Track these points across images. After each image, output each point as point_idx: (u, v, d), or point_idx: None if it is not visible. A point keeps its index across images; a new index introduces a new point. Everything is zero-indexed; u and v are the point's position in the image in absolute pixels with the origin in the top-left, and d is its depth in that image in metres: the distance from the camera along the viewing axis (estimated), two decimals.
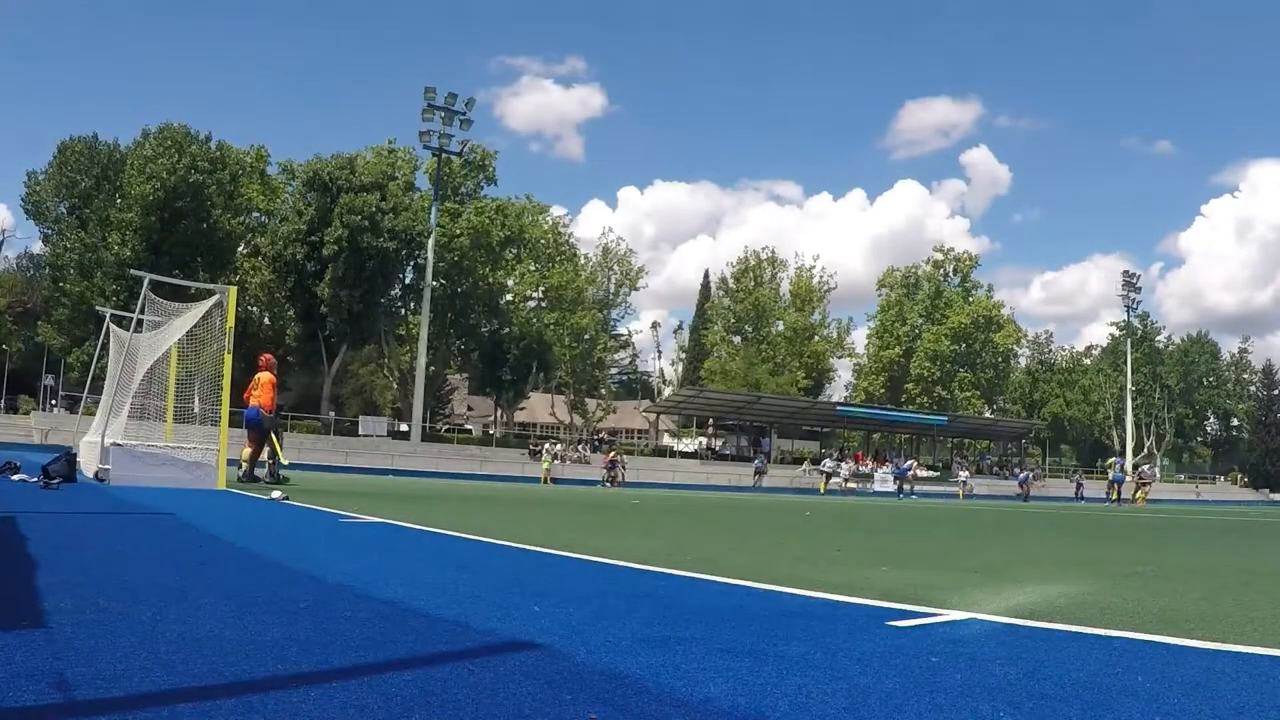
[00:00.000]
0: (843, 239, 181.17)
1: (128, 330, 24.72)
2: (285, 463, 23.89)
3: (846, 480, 68.53)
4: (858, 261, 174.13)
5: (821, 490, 39.30)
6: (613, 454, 50.88)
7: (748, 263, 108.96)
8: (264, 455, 21.29)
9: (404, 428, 77.12)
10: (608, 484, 40.86)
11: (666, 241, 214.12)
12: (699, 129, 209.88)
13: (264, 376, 21.36)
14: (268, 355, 23.09)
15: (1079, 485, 75.00)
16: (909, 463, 71.83)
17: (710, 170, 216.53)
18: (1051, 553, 10.79)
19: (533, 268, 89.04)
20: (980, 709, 2.93)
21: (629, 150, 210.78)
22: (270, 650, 3.37)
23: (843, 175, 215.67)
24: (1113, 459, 66.34)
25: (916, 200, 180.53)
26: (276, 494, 14.62)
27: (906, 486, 63.75)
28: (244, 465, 20.58)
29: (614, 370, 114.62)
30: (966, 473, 78.40)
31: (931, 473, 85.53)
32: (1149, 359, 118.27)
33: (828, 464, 70.54)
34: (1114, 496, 55.53)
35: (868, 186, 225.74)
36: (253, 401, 21.15)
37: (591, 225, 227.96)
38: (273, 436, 21.63)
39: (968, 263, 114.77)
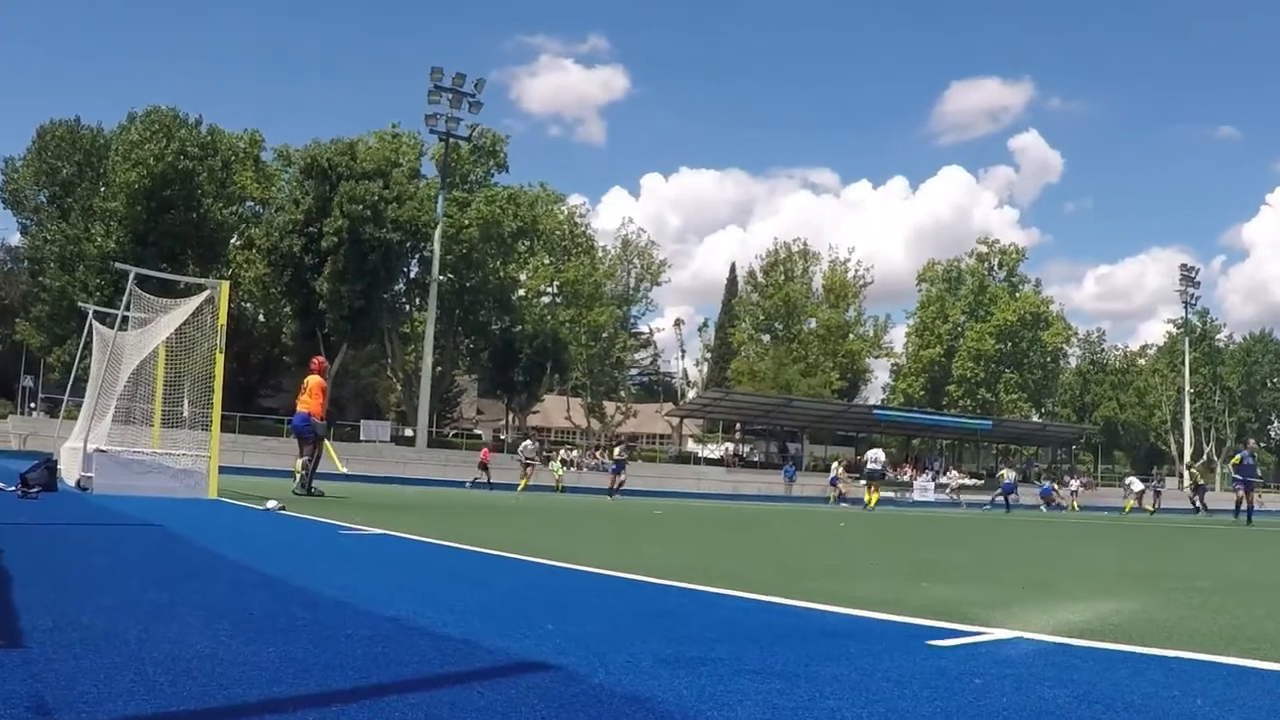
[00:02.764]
0: (882, 230, 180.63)
1: (112, 328, 24.72)
2: (343, 470, 24.01)
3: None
4: (898, 254, 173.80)
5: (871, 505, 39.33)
6: (618, 450, 50.55)
7: (778, 255, 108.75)
8: (298, 464, 21.36)
9: (409, 433, 77.29)
10: (614, 493, 40.97)
11: (692, 233, 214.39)
12: (728, 112, 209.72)
13: (313, 381, 21.41)
14: (320, 359, 23.15)
15: (1198, 489, 64.45)
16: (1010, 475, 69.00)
17: (740, 156, 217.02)
18: (1103, 566, 10.78)
19: (547, 261, 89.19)
20: None
21: (653, 135, 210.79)
22: (265, 671, 3.38)
23: (883, 162, 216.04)
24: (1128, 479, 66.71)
25: (962, 188, 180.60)
26: (272, 504, 14.61)
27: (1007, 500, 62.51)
28: (298, 475, 20.67)
29: (634, 371, 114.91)
30: (1078, 481, 77.63)
31: (975, 480, 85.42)
32: (1209, 359, 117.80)
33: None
34: (1150, 508, 56.09)
35: (910, 174, 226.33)
36: (301, 408, 21.28)
37: (612, 215, 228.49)
38: (328, 447, 21.74)
39: (1014, 256, 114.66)
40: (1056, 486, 67.26)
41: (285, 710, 2.92)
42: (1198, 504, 53.88)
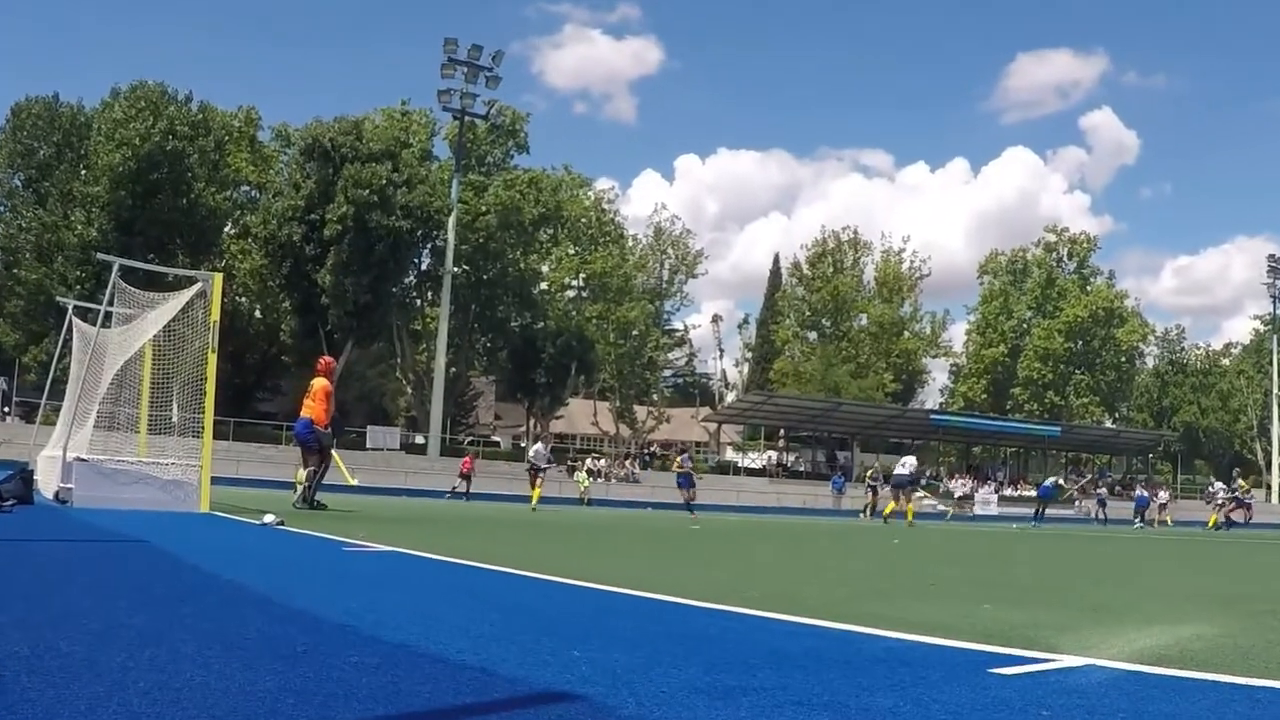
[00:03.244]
0: (940, 217, 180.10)
1: (94, 325, 24.83)
2: (352, 482, 24.11)
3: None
4: (957, 243, 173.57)
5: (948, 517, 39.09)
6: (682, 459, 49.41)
7: (826, 245, 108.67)
8: (299, 475, 21.43)
9: (419, 440, 77.39)
10: (693, 508, 39.33)
11: (732, 220, 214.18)
12: (772, 88, 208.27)
13: (318, 384, 21.48)
14: (327, 359, 23.24)
15: None
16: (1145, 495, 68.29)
17: (784, 136, 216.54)
18: (1181, 586, 10.75)
19: (572, 251, 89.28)
20: None
21: (689, 113, 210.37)
22: (261, 702, 3.38)
23: (942, 142, 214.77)
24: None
25: (1028, 171, 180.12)
26: (269, 518, 14.65)
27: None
28: (299, 487, 20.73)
29: (668, 372, 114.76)
30: (1166, 493, 76.89)
31: (1019, 492, 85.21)
32: None
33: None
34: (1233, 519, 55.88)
35: (971, 155, 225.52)
36: (304, 413, 21.33)
37: (643, 201, 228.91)
38: (335, 458, 21.80)
39: (1085, 245, 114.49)
40: (1153, 497, 66.81)
41: None
42: None
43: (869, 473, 60.01)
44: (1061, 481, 66.86)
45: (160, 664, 3.91)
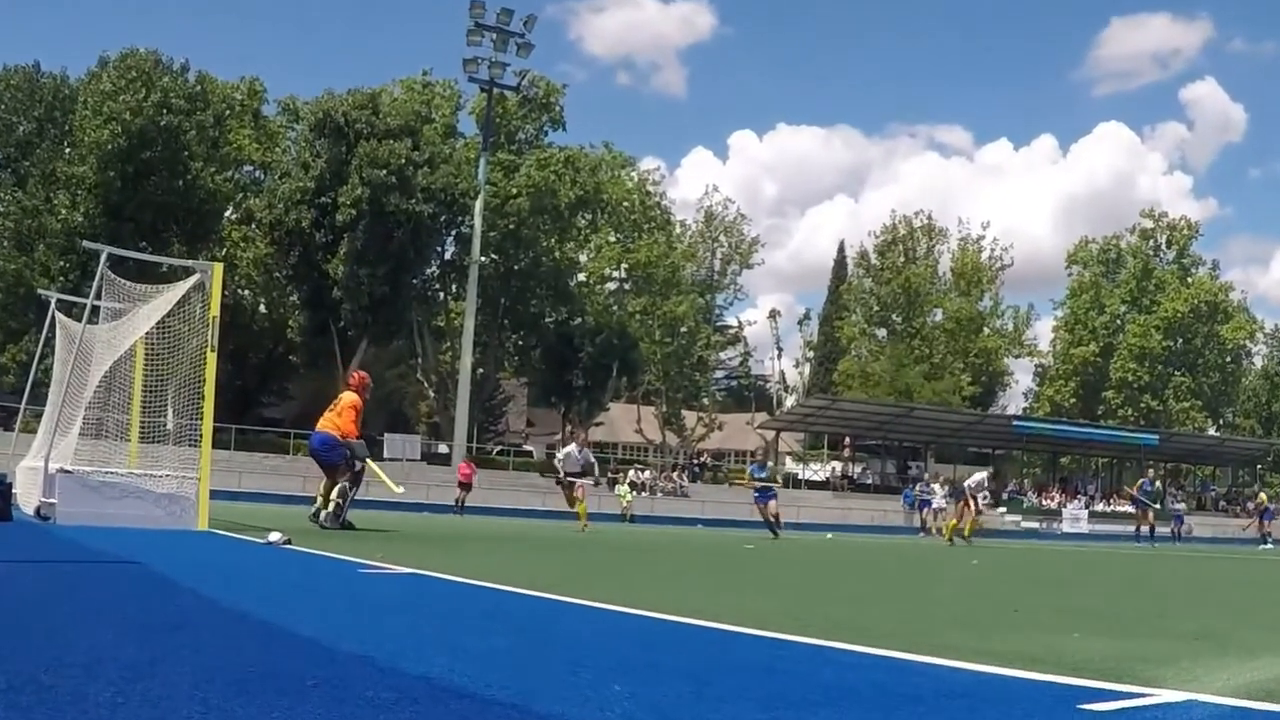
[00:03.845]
0: (1024, 201, 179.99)
1: (80, 321, 24.95)
2: (399, 491, 24.27)
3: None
4: (1043, 230, 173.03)
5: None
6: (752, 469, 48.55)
7: (896, 232, 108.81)
8: (322, 488, 21.57)
9: (443, 449, 77.65)
10: (775, 527, 38.42)
11: (792, 204, 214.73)
12: (837, 57, 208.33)
13: (347, 397, 21.61)
14: (361, 374, 23.37)
15: None
16: None
17: (851, 111, 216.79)
18: None
19: (613, 238, 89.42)
20: None
21: (745, 85, 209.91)
22: None
23: (1027, 117, 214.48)
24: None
25: (1123, 149, 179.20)
26: (275, 536, 14.69)
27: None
28: (320, 500, 20.86)
29: (719, 373, 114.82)
30: None
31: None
32: None
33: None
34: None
35: (1059, 131, 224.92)
36: (322, 425, 21.46)
37: (693, 182, 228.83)
38: (373, 467, 22.00)
39: (1186, 232, 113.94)
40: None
41: None
42: None
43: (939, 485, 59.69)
44: (1160, 482, 66.52)
45: (153, 699, 3.93)
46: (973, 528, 39.00)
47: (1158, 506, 50.97)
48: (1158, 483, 45.84)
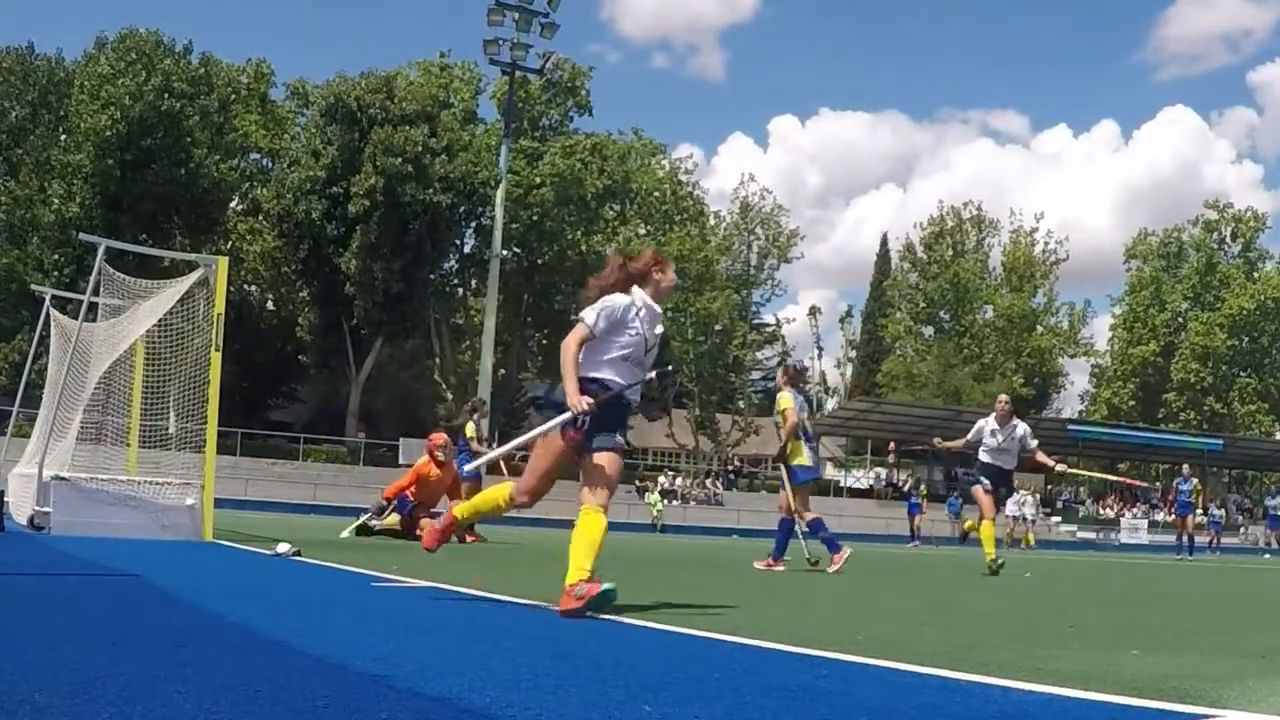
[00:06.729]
0: (1082, 191, 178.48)
1: (76, 318, 24.99)
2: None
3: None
4: (1101, 222, 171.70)
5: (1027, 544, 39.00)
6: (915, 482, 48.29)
7: (945, 224, 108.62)
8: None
9: None
10: (918, 539, 38.05)
11: (835, 194, 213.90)
12: (885, 38, 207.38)
13: (419, 463, 22.86)
14: (440, 435, 24.11)
15: None
16: None
17: (899, 96, 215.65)
18: None
19: (642, 231, 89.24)
20: None
21: (787, 67, 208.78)
22: None
23: (1086, 101, 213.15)
24: None
25: (1189, 136, 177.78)
26: (284, 548, 14.72)
27: None
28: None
29: (756, 374, 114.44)
30: None
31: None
32: None
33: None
34: None
35: (1121, 117, 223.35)
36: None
37: (729, 171, 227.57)
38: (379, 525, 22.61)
39: (1253, 224, 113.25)
40: None
41: None
42: None
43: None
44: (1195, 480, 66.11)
45: None
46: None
47: (1199, 511, 50.80)
48: (1193, 480, 45.56)
